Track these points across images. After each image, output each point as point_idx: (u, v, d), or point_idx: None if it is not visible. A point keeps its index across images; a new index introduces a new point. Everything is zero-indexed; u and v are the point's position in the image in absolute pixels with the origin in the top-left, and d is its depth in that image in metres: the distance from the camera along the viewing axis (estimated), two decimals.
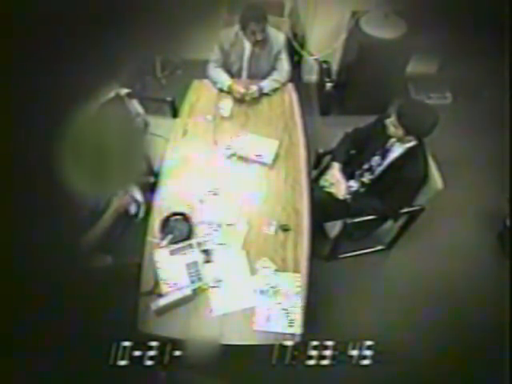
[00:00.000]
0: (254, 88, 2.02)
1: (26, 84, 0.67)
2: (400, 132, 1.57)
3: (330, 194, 1.77)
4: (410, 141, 1.60)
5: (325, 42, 2.64)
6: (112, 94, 1.72)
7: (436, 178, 1.64)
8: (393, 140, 1.66)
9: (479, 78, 2.59)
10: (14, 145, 0.69)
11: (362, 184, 1.83)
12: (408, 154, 1.63)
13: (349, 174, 1.86)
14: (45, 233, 0.79)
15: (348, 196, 1.73)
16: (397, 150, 1.66)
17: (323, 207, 1.75)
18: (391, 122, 1.59)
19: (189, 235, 1.52)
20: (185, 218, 1.56)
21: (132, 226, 1.66)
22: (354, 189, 1.86)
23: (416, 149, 1.62)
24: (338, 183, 1.74)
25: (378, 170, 1.74)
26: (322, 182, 1.78)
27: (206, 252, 1.48)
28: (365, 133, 1.84)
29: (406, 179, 1.62)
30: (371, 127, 1.82)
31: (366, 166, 1.80)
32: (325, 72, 2.71)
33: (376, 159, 1.74)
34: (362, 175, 1.82)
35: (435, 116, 1.52)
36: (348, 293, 1.97)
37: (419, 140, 1.60)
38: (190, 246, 1.47)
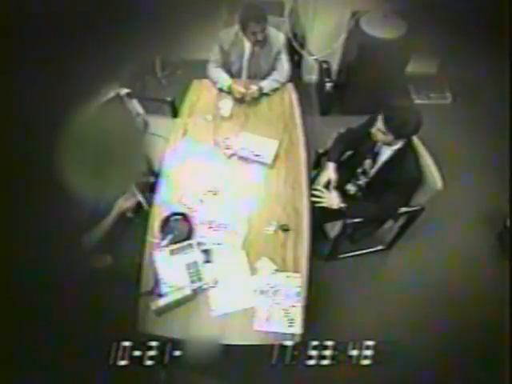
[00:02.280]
0: (253, 88, 2.02)
1: (26, 84, 0.67)
2: (390, 137, 1.55)
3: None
4: (397, 143, 1.59)
5: (325, 42, 2.64)
6: (112, 94, 1.72)
7: (436, 178, 1.64)
8: (380, 143, 1.65)
9: (479, 78, 2.59)
10: (14, 145, 0.68)
11: (359, 187, 1.83)
12: (396, 156, 1.62)
13: (346, 178, 1.86)
14: (45, 233, 0.79)
15: (342, 205, 1.69)
16: (386, 153, 1.65)
17: (322, 210, 1.74)
18: (379, 130, 1.56)
19: (189, 235, 1.52)
20: (185, 218, 1.56)
21: (132, 226, 1.66)
22: (351, 192, 1.86)
23: (404, 150, 1.60)
24: (329, 197, 1.69)
25: (372, 172, 1.74)
26: (313, 199, 1.70)
27: (205, 252, 1.48)
28: (357, 134, 1.84)
29: (398, 181, 1.61)
30: (361, 130, 1.80)
31: (360, 170, 1.80)
32: (325, 72, 2.71)
33: (368, 162, 1.74)
34: (357, 178, 1.82)
35: (418, 116, 1.50)
36: (348, 293, 1.97)
37: (406, 141, 1.59)
38: (190, 246, 1.47)
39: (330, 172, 1.80)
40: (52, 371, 0.84)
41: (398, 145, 1.60)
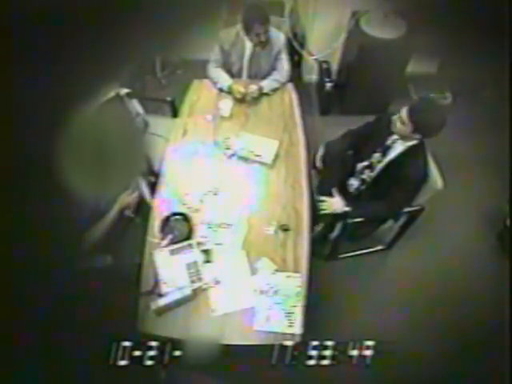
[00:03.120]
0: (254, 88, 2.02)
1: (26, 84, 0.66)
2: (408, 129, 1.54)
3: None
4: (412, 139, 1.59)
5: (325, 41, 2.64)
6: (112, 94, 1.72)
7: (436, 178, 1.64)
8: (395, 137, 1.65)
9: (479, 78, 2.59)
10: (14, 145, 0.68)
11: (363, 182, 1.83)
12: (409, 153, 1.62)
13: (349, 172, 1.86)
14: (45, 233, 0.79)
15: (346, 208, 1.71)
16: (398, 148, 1.65)
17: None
18: (399, 118, 1.55)
19: (189, 235, 1.52)
20: (185, 217, 1.56)
21: (132, 226, 1.66)
22: (354, 186, 1.86)
23: (417, 148, 1.61)
24: (331, 203, 1.72)
25: (379, 167, 1.74)
26: (318, 206, 1.74)
27: (205, 252, 1.48)
28: (368, 129, 1.84)
29: (406, 178, 1.61)
30: (374, 123, 1.80)
31: (366, 163, 1.79)
32: (325, 72, 2.71)
33: (377, 156, 1.73)
34: (362, 172, 1.82)
35: (445, 117, 1.51)
36: (348, 293, 1.96)
37: (421, 139, 1.60)
38: (190, 245, 1.47)
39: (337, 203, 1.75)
40: (52, 371, 0.84)
41: (412, 142, 1.60)
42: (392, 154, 1.67)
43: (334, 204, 1.72)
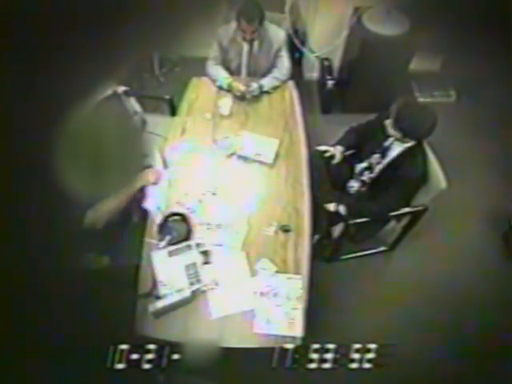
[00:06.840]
0: (254, 86, 2.00)
1: (23, 82, 0.66)
2: (399, 134, 1.57)
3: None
4: (409, 141, 1.59)
5: (326, 38, 2.62)
6: (109, 92, 1.71)
7: (440, 178, 1.62)
8: (392, 138, 1.65)
9: (483, 76, 2.56)
10: (12, 143, 0.68)
11: (363, 183, 1.82)
12: (407, 153, 1.62)
13: (348, 174, 1.86)
14: (44, 233, 0.78)
15: (341, 206, 1.72)
16: (396, 149, 1.65)
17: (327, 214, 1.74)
18: (390, 124, 1.58)
19: (187, 236, 1.50)
20: (183, 218, 1.54)
21: (130, 227, 1.64)
22: (355, 188, 1.84)
23: (415, 148, 1.61)
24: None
25: (378, 168, 1.73)
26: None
27: (204, 253, 1.46)
28: (368, 127, 1.83)
29: (404, 178, 1.61)
30: (371, 125, 1.80)
31: (365, 165, 1.78)
32: (326, 69, 2.69)
33: (376, 157, 1.73)
34: (361, 174, 1.81)
35: (433, 118, 1.50)
36: (350, 295, 1.95)
37: (418, 140, 1.59)
38: (189, 247, 1.45)
39: (336, 151, 1.81)
40: (49, 374, 0.83)
41: (411, 143, 1.60)
42: (391, 155, 1.67)
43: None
